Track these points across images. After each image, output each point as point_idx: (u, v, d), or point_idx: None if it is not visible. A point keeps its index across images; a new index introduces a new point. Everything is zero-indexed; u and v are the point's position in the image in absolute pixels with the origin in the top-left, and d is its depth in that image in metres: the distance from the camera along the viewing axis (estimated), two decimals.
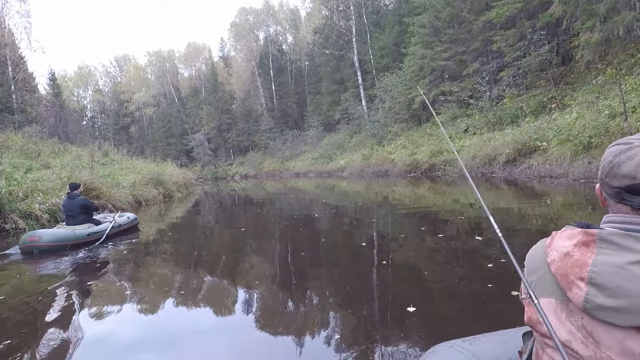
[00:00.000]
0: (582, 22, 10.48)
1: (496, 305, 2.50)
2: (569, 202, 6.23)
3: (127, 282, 3.80)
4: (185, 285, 3.60)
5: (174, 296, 3.29)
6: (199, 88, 53.73)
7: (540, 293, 0.72)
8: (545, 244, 0.76)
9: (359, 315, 2.54)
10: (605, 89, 10.80)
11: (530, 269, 0.78)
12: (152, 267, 4.50)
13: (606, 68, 11.55)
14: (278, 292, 3.22)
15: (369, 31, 30.72)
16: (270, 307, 2.93)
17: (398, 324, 2.35)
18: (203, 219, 9.42)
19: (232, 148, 48.90)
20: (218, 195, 18.96)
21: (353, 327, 2.39)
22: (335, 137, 30.36)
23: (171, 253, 5.26)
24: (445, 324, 2.34)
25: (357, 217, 7.36)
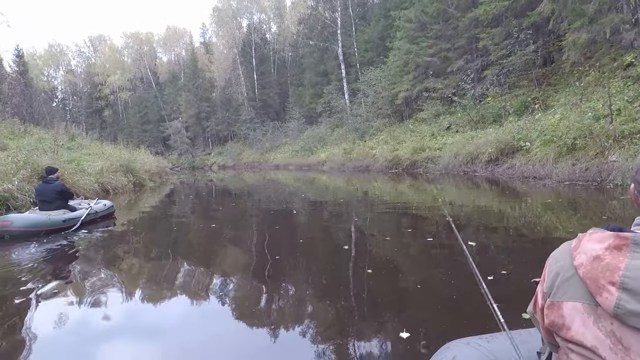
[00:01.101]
0: (569, 23, 10.41)
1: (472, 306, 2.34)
2: (550, 204, 6.06)
3: (102, 270, 3.68)
4: (160, 276, 3.50)
5: (148, 286, 3.25)
6: (178, 74, 52.04)
7: (566, 297, 0.69)
8: (572, 246, 0.73)
9: (336, 309, 2.54)
10: (588, 91, 10.79)
11: (553, 272, 0.74)
12: (128, 256, 4.36)
13: (589, 70, 11.58)
14: (255, 283, 3.17)
15: (355, 24, 30.27)
16: (246, 298, 2.90)
17: (374, 318, 2.38)
18: (175, 210, 8.86)
19: (210, 137, 47.68)
20: (194, 186, 18.26)
21: (330, 321, 2.39)
22: (316, 130, 29.92)
23: (148, 242, 5.08)
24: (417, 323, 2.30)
25: (336, 213, 7.00)
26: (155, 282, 3.36)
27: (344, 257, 3.78)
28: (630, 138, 7.36)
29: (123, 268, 3.86)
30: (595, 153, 7.81)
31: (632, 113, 7.91)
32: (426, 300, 2.65)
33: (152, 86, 52.95)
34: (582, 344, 0.67)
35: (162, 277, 3.47)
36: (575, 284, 0.69)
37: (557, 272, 0.74)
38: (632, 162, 6.75)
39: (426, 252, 3.85)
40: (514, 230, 4.66)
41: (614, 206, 5.60)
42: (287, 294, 2.92)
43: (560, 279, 0.72)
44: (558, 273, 0.73)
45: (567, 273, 0.72)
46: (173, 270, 3.70)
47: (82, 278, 3.49)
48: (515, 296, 2.54)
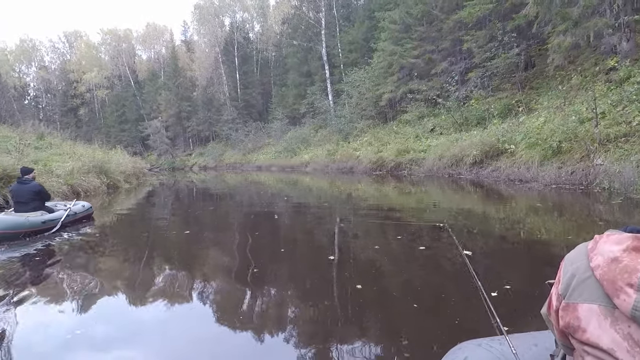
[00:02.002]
0: (553, 26, 10.42)
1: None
2: (540, 209, 5.91)
3: (84, 274, 3.62)
4: (142, 280, 3.46)
5: (130, 289, 3.23)
6: (157, 72, 50.76)
7: (582, 298, 0.69)
8: (588, 247, 0.73)
9: (324, 336, 2.31)
10: (570, 94, 10.84)
11: (569, 273, 0.73)
12: (110, 259, 4.30)
13: (571, 74, 11.66)
14: (234, 289, 3.08)
15: (339, 24, 30.08)
16: (223, 308, 2.83)
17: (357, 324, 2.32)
18: (151, 214, 8.37)
19: (191, 137, 46.62)
20: (174, 187, 17.64)
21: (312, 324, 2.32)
22: (300, 131, 29.55)
23: (127, 245, 4.99)
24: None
25: (320, 218, 6.69)
26: (134, 287, 3.31)
27: (329, 271, 3.47)
28: (615, 142, 7.33)
29: (106, 272, 3.79)
30: (580, 156, 7.76)
31: (616, 116, 7.90)
32: (424, 322, 2.36)
33: (130, 84, 51.43)
34: (598, 346, 0.66)
35: (139, 282, 3.39)
36: (591, 286, 0.68)
37: (572, 274, 0.72)
38: (618, 165, 6.71)
39: (421, 265, 3.56)
40: (509, 237, 4.45)
41: (603, 211, 5.48)
42: (265, 313, 2.60)
43: (576, 280, 0.71)
44: (574, 275, 0.72)
45: (583, 275, 0.70)
46: (148, 277, 3.54)
47: (67, 281, 3.42)
48: (521, 310, 2.28)
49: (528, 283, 2.89)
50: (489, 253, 3.75)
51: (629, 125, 7.45)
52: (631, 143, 7.10)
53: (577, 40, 9.41)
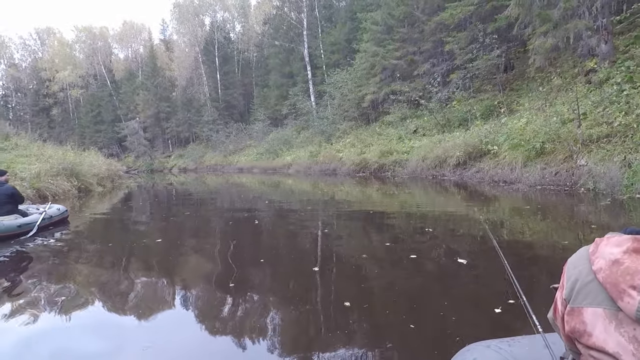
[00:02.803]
0: (533, 28, 10.48)
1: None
2: (524, 211, 5.81)
3: (62, 281, 3.49)
4: (112, 290, 3.29)
5: (112, 297, 3.11)
6: (135, 71, 49.34)
7: (586, 302, 0.68)
8: (589, 251, 0.72)
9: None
10: (551, 96, 10.93)
11: (572, 278, 0.73)
12: (89, 265, 4.14)
13: (551, 76, 11.78)
14: (206, 311, 2.80)
15: (321, 25, 29.90)
16: (196, 326, 2.60)
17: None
18: (122, 220, 7.91)
19: (170, 139, 45.49)
20: (152, 190, 17.02)
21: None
22: (282, 132, 29.18)
23: (104, 251, 4.81)
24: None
25: (304, 223, 6.42)
26: (109, 295, 3.17)
27: (313, 284, 3.19)
28: (597, 142, 7.34)
29: (85, 277, 3.69)
30: (564, 157, 7.75)
31: (598, 117, 7.93)
32: (422, 345, 2.11)
33: (106, 84, 49.81)
34: (604, 350, 0.65)
35: (111, 292, 3.24)
36: (595, 289, 0.68)
37: (576, 278, 0.72)
38: (602, 166, 6.69)
39: (414, 275, 3.32)
40: (503, 242, 4.28)
41: (593, 213, 5.41)
42: (241, 335, 2.30)
43: (580, 284, 0.70)
44: (577, 279, 0.71)
45: (586, 278, 0.70)
46: (115, 289, 3.33)
47: (44, 288, 3.30)
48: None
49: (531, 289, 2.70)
50: (482, 259, 3.56)
51: (610, 126, 7.47)
52: (613, 144, 7.11)
53: (558, 42, 9.46)
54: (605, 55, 9.44)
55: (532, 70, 11.17)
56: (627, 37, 10.04)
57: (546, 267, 3.29)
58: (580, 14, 9.56)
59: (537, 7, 9.56)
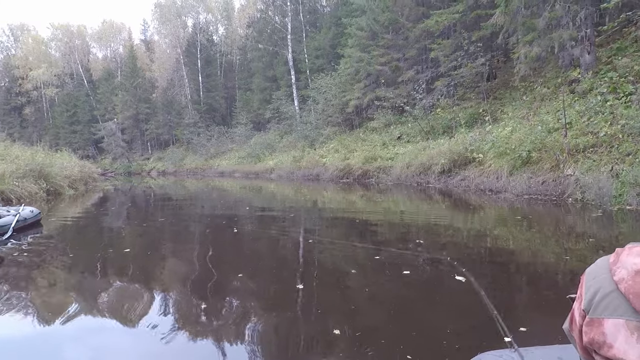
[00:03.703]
0: (517, 38, 10.52)
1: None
2: (517, 223, 5.65)
3: (42, 283, 3.48)
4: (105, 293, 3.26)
5: (89, 302, 3.07)
6: (114, 71, 48.01)
7: (606, 313, 0.66)
8: (610, 261, 0.71)
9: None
10: (534, 105, 10.98)
11: (592, 288, 0.71)
12: (62, 268, 4.04)
13: (534, 85, 11.86)
14: (176, 338, 2.41)
15: (305, 30, 29.73)
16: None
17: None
18: (88, 226, 7.39)
19: (150, 141, 44.30)
20: (128, 194, 16.34)
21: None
22: (264, 136, 28.77)
23: (79, 254, 4.73)
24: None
25: (286, 232, 6.09)
26: (96, 297, 3.09)
27: (297, 305, 2.87)
28: (584, 152, 7.30)
29: (61, 281, 3.60)
30: (550, 166, 7.69)
31: (583, 127, 7.92)
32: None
33: (83, 83, 48.25)
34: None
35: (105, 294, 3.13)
36: (616, 300, 0.65)
37: (595, 289, 0.70)
38: (590, 176, 6.63)
39: (409, 295, 3.04)
40: (503, 258, 4.06)
41: (587, 225, 5.28)
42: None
43: (600, 295, 0.68)
44: (597, 289, 0.69)
45: (606, 289, 0.68)
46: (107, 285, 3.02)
47: (18, 295, 3.23)
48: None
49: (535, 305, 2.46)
50: (483, 276, 3.32)
51: (595, 136, 7.46)
52: (599, 154, 7.08)
53: (543, 51, 9.49)
54: (588, 65, 9.52)
55: (516, 79, 11.20)
56: (608, 49, 10.18)
57: (550, 290, 3.08)
58: (565, 24, 9.63)
59: (522, 16, 9.58)
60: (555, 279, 3.23)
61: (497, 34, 12.32)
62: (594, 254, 3.53)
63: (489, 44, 13.69)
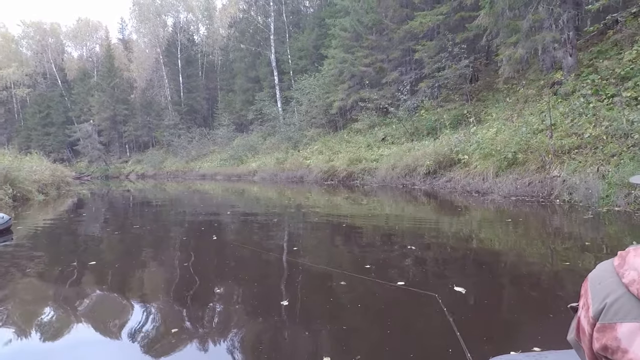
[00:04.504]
0: (502, 39, 10.53)
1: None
2: (508, 225, 5.53)
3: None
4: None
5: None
6: (90, 71, 46.60)
7: (618, 317, 0.65)
8: (615, 264, 0.70)
9: None
10: (518, 107, 11.01)
11: (600, 293, 0.70)
12: (36, 275, 3.93)
13: (517, 87, 11.93)
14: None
15: (288, 31, 29.44)
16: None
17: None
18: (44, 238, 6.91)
19: (128, 143, 43.13)
20: (106, 198, 15.68)
21: None
22: (247, 138, 28.32)
23: (44, 264, 4.52)
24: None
25: (269, 238, 5.79)
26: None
27: (282, 326, 2.60)
28: (569, 153, 7.28)
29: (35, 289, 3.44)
30: (536, 167, 7.65)
31: (567, 128, 7.93)
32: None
33: (57, 83, 46.60)
34: None
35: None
36: (628, 303, 0.64)
37: (605, 294, 0.68)
38: (577, 178, 6.59)
39: (405, 312, 2.81)
40: (501, 270, 3.88)
41: (581, 227, 5.18)
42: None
43: (610, 300, 0.67)
44: (606, 294, 0.68)
45: (616, 293, 0.66)
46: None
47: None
48: None
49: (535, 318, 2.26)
50: (481, 287, 3.11)
51: (580, 137, 7.46)
52: (584, 155, 7.07)
53: (527, 53, 9.51)
54: (570, 68, 9.59)
55: (500, 80, 11.23)
56: (589, 52, 10.30)
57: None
58: (547, 27, 9.68)
59: (507, 17, 9.58)
60: (562, 287, 3.06)
61: (480, 36, 12.36)
62: (597, 260, 3.40)
63: (472, 46, 13.73)
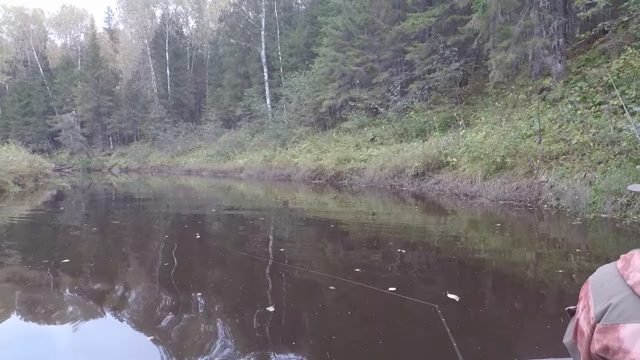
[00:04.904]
0: (493, 43, 10.57)
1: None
2: (497, 230, 5.51)
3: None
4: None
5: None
6: (74, 60, 45.41)
7: (622, 318, 0.66)
8: (619, 267, 0.71)
9: None
10: (506, 111, 11.08)
11: (602, 295, 0.70)
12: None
13: (506, 92, 12.02)
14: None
15: (279, 27, 29.20)
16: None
17: None
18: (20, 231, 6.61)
19: (112, 136, 42.20)
20: (87, 191, 15.24)
21: None
22: (235, 134, 27.97)
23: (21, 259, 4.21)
24: None
25: (254, 238, 5.64)
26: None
27: (268, 335, 2.47)
28: (557, 159, 7.32)
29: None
30: (524, 172, 7.68)
31: (555, 134, 7.99)
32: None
33: (39, 72, 45.22)
34: None
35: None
36: (633, 305, 0.65)
37: (607, 295, 0.69)
38: (564, 183, 6.63)
39: (405, 322, 2.70)
40: (498, 279, 3.82)
41: (571, 233, 5.18)
42: None
43: (614, 301, 0.67)
44: (609, 296, 0.69)
45: (621, 294, 0.67)
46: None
47: None
48: None
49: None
50: (475, 295, 3.03)
51: (567, 144, 7.51)
52: (572, 161, 7.11)
53: (517, 58, 9.56)
54: (559, 74, 9.69)
55: (490, 85, 11.28)
56: (577, 60, 10.43)
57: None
58: (537, 33, 9.75)
59: (499, 22, 9.61)
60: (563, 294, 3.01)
61: (471, 40, 12.40)
62: (591, 265, 3.36)
63: (463, 49, 13.78)
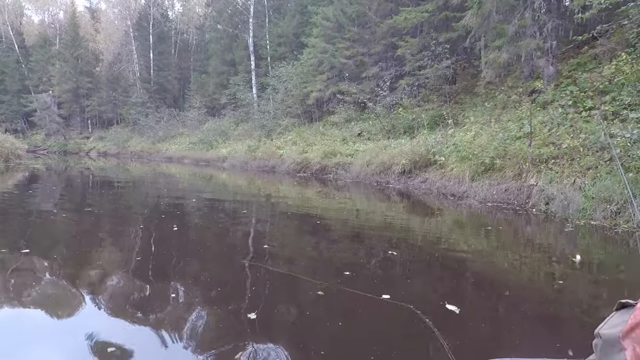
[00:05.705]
0: (486, 42, 10.46)
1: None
2: (490, 235, 5.38)
3: None
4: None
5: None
6: (52, 39, 43.41)
7: None
8: None
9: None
10: (495, 112, 11.02)
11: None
12: None
13: (496, 92, 11.96)
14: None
15: (268, 15, 28.54)
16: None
17: None
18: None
19: (91, 118, 40.73)
20: (63, 175, 14.55)
21: None
22: (219, 122, 27.32)
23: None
24: None
25: (236, 232, 5.35)
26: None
27: (253, 343, 2.21)
28: (546, 163, 7.26)
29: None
30: (513, 174, 7.60)
31: (545, 137, 7.92)
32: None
33: (14, 48, 43.04)
34: None
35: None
36: None
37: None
38: (554, 188, 6.56)
39: (403, 330, 2.48)
40: (497, 285, 3.65)
41: (567, 240, 5.09)
42: None
43: None
44: None
45: None
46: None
47: None
48: None
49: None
50: (474, 306, 2.85)
51: (557, 148, 7.45)
52: (561, 166, 7.06)
53: (510, 58, 9.46)
54: (550, 77, 9.65)
55: (481, 84, 11.18)
56: (568, 64, 10.42)
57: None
58: (531, 34, 9.66)
59: (494, 20, 9.47)
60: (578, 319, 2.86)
61: (463, 38, 12.25)
62: (584, 274, 3.23)
63: (454, 48, 13.64)
